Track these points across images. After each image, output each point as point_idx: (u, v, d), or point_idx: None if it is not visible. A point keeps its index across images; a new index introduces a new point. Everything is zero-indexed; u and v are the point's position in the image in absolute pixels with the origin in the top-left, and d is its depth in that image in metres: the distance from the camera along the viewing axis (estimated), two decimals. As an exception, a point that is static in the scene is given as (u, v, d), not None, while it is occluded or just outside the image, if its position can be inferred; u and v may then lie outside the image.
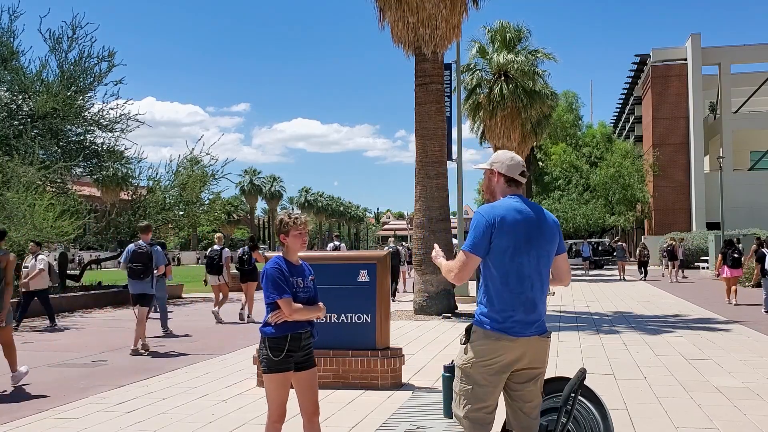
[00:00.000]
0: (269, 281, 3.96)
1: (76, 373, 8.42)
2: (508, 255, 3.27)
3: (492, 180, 3.49)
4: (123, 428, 5.72)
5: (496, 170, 3.46)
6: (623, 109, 68.82)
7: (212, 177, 22.25)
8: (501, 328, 3.25)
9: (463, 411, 3.31)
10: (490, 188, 3.51)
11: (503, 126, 28.48)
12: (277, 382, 3.98)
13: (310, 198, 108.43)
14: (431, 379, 7.40)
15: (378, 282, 6.98)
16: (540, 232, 3.35)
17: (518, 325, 3.26)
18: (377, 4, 15.16)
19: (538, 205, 3.49)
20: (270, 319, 3.98)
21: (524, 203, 3.38)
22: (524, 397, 3.36)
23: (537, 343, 3.31)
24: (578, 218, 38.45)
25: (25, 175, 16.66)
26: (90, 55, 20.32)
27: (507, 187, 3.45)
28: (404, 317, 13.99)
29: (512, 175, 3.44)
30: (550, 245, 3.40)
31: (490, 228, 3.27)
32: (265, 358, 3.98)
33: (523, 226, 3.30)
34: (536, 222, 3.35)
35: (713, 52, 47.06)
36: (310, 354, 4.11)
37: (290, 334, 3.97)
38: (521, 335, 3.26)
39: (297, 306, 3.96)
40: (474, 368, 3.29)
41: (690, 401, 6.41)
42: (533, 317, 3.30)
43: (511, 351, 3.25)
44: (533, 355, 3.31)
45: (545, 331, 3.37)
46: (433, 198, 14.74)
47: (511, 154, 3.50)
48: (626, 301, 17.87)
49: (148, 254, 10.14)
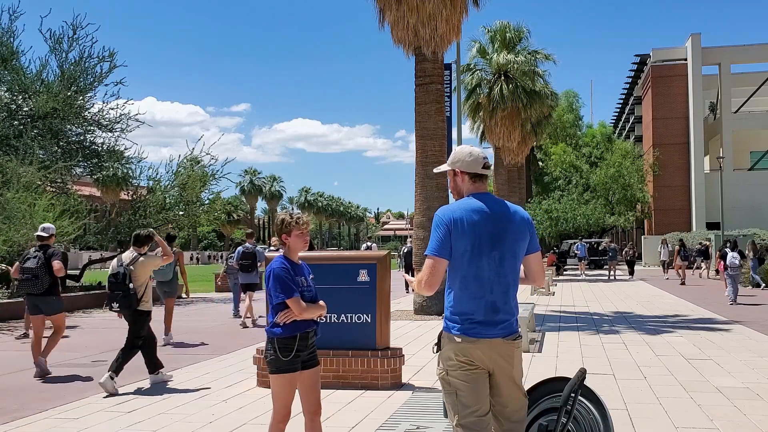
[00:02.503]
0: (277, 282, 3.94)
1: (76, 373, 8.41)
2: (466, 258, 3.15)
3: (457, 180, 3.36)
4: (123, 428, 5.72)
5: (458, 169, 3.33)
6: (623, 109, 68.83)
7: (212, 177, 22.25)
8: (460, 330, 3.16)
9: (455, 419, 3.23)
10: (456, 189, 3.38)
11: (503, 126, 28.49)
12: (284, 383, 3.98)
13: (310, 198, 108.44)
14: (431, 379, 7.40)
15: (378, 282, 6.98)
16: (503, 232, 3.19)
17: (478, 326, 3.15)
18: (377, 4, 15.17)
19: (504, 202, 3.32)
20: (279, 319, 3.97)
21: (486, 201, 3.23)
22: (502, 402, 3.25)
23: (501, 345, 3.17)
24: (578, 218, 38.38)
25: (25, 175, 16.65)
26: (90, 55, 20.34)
27: (472, 184, 3.31)
28: (404, 317, 13.99)
29: (475, 171, 3.30)
30: (517, 244, 3.24)
31: (448, 229, 3.15)
32: (272, 358, 3.97)
33: (482, 227, 3.16)
34: (498, 222, 3.20)
35: (713, 52, 47.06)
36: (314, 352, 4.14)
37: (299, 334, 3.98)
38: (482, 337, 3.14)
39: (306, 305, 3.98)
40: (450, 375, 3.21)
41: (690, 401, 6.41)
42: (497, 318, 3.17)
43: (475, 353, 3.15)
44: (499, 357, 3.18)
45: (512, 333, 3.21)
46: (433, 198, 14.74)
47: (468, 149, 3.34)
48: (626, 301, 17.86)
49: (253, 253, 13.23)
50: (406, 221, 79.10)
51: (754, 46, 46.90)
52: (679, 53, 49.18)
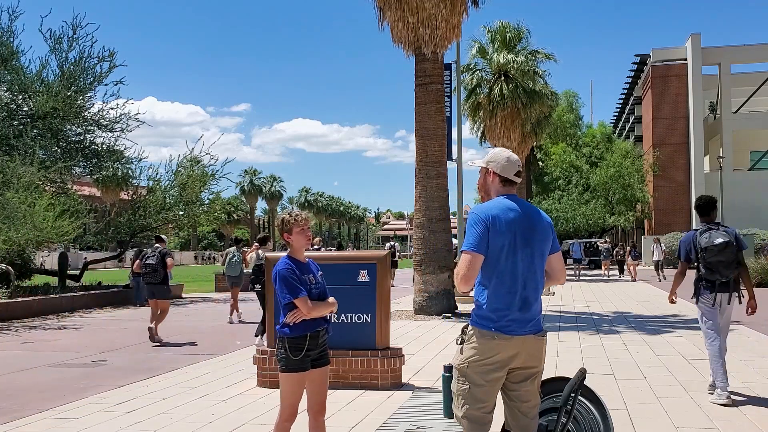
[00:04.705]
0: (283, 282, 3.96)
1: (76, 373, 8.41)
2: (504, 254, 3.27)
3: (487, 179, 3.48)
4: (123, 428, 5.72)
5: (491, 170, 3.45)
6: (623, 109, 68.82)
7: (212, 177, 22.25)
8: (496, 327, 3.25)
9: (462, 411, 3.32)
10: (485, 186, 3.50)
11: (503, 126, 28.46)
12: (293, 382, 4.00)
13: (310, 198, 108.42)
14: (431, 379, 7.40)
15: (378, 282, 6.99)
16: (534, 231, 3.34)
17: (513, 323, 3.25)
18: (377, 4, 15.16)
19: (532, 205, 3.49)
20: (288, 319, 3.99)
21: (518, 203, 3.37)
22: (521, 397, 3.35)
23: (532, 342, 3.30)
24: (578, 218, 38.39)
25: (25, 175, 16.64)
26: (90, 55, 20.30)
27: (502, 186, 3.44)
28: (404, 317, 13.98)
29: (507, 176, 3.43)
30: (544, 244, 3.39)
31: (487, 226, 3.27)
32: (283, 356, 3.99)
33: (517, 225, 3.30)
34: (530, 221, 3.34)
35: (713, 52, 47.05)
36: (326, 351, 4.15)
37: (309, 333, 4.00)
38: (516, 334, 3.25)
39: (314, 304, 3.99)
40: (470, 368, 3.29)
41: (690, 401, 6.41)
42: (528, 316, 3.29)
43: (506, 350, 3.25)
44: (528, 354, 3.30)
45: (540, 330, 3.35)
46: (433, 198, 14.73)
47: (507, 154, 3.46)
48: (626, 301, 17.87)
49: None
50: (406, 221, 79.15)
51: (754, 46, 46.89)
52: (679, 53, 49.18)
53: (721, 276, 6.34)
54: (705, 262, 6.37)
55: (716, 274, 6.33)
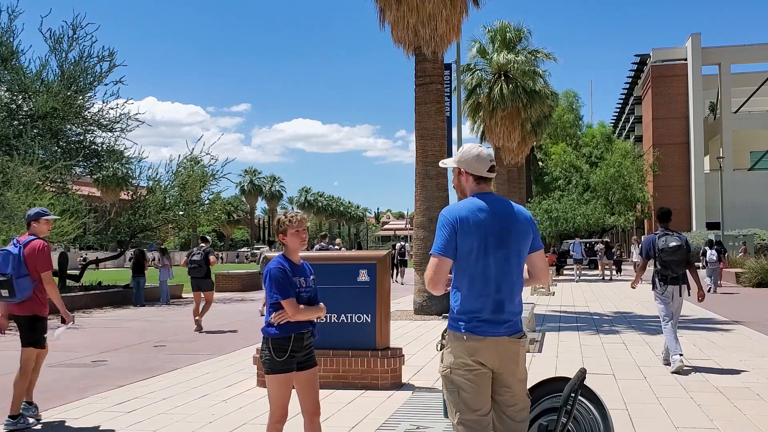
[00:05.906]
0: (273, 282, 3.95)
1: (76, 373, 8.41)
2: (473, 257, 3.15)
3: (461, 178, 3.36)
4: (123, 428, 5.72)
5: (463, 169, 3.34)
6: (623, 109, 68.88)
7: (212, 177, 22.27)
8: (466, 328, 3.16)
9: (456, 418, 3.21)
10: (460, 186, 3.39)
11: (503, 126, 28.49)
12: (279, 383, 3.98)
13: (310, 198, 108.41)
14: (431, 379, 7.40)
15: (378, 282, 6.98)
16: (508, 232, 3.21)
17: (485, 324, 3.15)
18: (377, 4, 15.17)
19: (508, 201, 3.34)
20: (273, 319, 3.97)
21: (490, 201, 3.24)
22: (506, 401, 3.24)
23: (507, 344, 3.18)
24: (578, 218, 38.35)
25: (25, 175, 16.65)
26: (90, 54, 20.29)
27: (476, 185, 3.32)
28: (404, 317, 13.99)
29: (479, 173, 3.31)
30: (521, 243, 3.25)
31: (454, 228, 3.15)
32: (267, 358, 3.98)
33: (488, 226, 3.17)
34: (504, 221, 3.21)
35: (713, 52, 47.10)
36: (311, 353, 4.12)
37: (293, 335, 3.97)
38: (488, 335, 3.14)
39: (301, 307, 3.97)
40: (453, 373, 3.20)
41: (690, 401, 6.41)
42: (503, 317, 3.18)
43: (480, 351, 3.15)
44: (503, 356, 3.18)
45: (518, 331, 3.23)
46: (433, 198, 14.74)
47: (476, 151, 3.33)
48: (626, 301, 17.87)
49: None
50: (406, 221, 79.13)
51: (754, 46, 46.93)
52: (679, 53, 49.22)
53: (673, 272, 7.88)
54: (661, 260, 7.91)
55: (669, 270, 7.87)
